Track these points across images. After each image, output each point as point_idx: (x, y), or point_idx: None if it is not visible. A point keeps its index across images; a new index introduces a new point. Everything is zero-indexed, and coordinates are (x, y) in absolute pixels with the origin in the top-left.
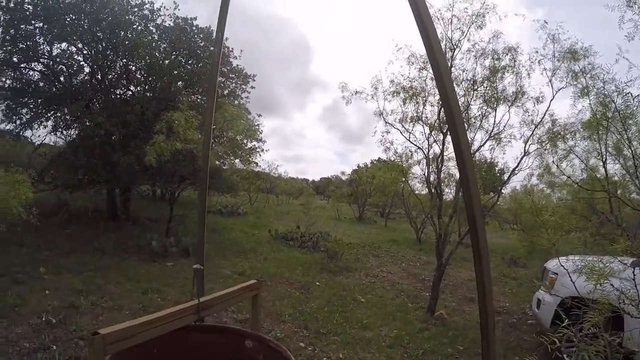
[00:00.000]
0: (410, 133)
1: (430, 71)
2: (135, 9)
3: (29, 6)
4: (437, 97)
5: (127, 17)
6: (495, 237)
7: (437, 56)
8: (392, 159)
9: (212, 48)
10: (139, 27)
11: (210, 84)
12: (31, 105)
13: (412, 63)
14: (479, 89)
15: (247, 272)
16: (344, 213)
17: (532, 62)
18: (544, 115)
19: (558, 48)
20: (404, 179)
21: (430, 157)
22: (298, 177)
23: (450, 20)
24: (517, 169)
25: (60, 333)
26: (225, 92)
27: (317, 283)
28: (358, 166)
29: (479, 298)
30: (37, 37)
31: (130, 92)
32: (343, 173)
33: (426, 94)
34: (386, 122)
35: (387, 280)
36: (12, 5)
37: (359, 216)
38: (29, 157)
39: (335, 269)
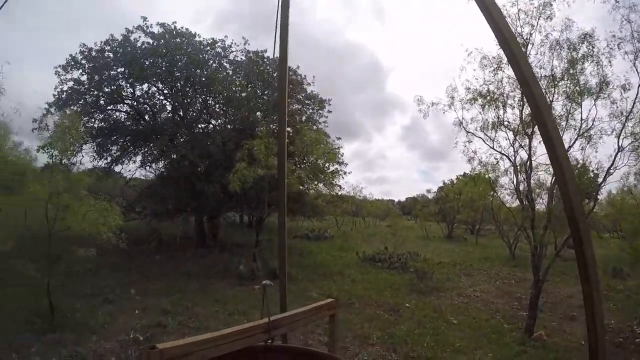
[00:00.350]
0: (493, 140)
1: (506, 71)
2: (208, 48)
3: (110, 53)
4: (517, 98)
5: (201, 56)
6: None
7: (514, 50)
8: (477, 169)
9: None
10: (214, 64)
11: (279, 107)
12: (120, 143)
13: (485, 66)
14: (559, 84)
15: (335, 295)
16: (432, 232)
17: (610, 47)
18: (634, 103)
19: (635, 27)
20: (492, 192)
21: (518, 164)
22: (383, 199)
23: (517, 16)
24: (612, 168)
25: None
26: (303, 118)
27: (407, 304)
28: (444, 183)
29: (587, 317)
30: (120, 80)
31: (211, 125)
32: (429, 191)
33: (505, 97)
34: (467, 132)
35: (480, 300)
36: (94, 54)
37: (448, 234)
38: (121, 190)
39: (426, 289)
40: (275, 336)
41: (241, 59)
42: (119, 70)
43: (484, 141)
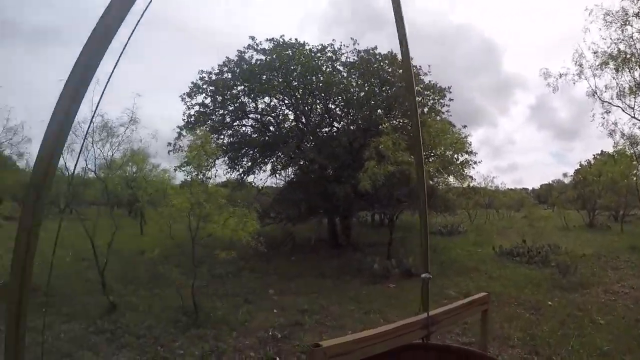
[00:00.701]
0: (633, 108)
1: (634, 25)
2: (319, 54)
3: (228, 74)
4: None
5: (314, 63)
6: None
7: None
8: (620, 143)
9: (400, 71)
10: (328, 69)
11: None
12: (250, 155)
13: (610, 23)
14: None
15: (472, 293)
16: (572, 220)
17: None
18: None
19: None
20: (635, 171)
21: None
22: (516, 188)
23: None
24: None
25: (284, 347)
26: (425, 109)
27: (549, 302)
28: (580, 165)
29: None
30: (242, 97)
31: (335, 128)
32: (565, 175)
33: (638, 55)
34: (602, 102)
35: (630, 297)
36: (213, 77)
37: (590, 222)
38: (255, 198)
39: (569, 285)
40: (433, 332)
41: (353, 59)
42: (239, 88)
43: (623, 110)
